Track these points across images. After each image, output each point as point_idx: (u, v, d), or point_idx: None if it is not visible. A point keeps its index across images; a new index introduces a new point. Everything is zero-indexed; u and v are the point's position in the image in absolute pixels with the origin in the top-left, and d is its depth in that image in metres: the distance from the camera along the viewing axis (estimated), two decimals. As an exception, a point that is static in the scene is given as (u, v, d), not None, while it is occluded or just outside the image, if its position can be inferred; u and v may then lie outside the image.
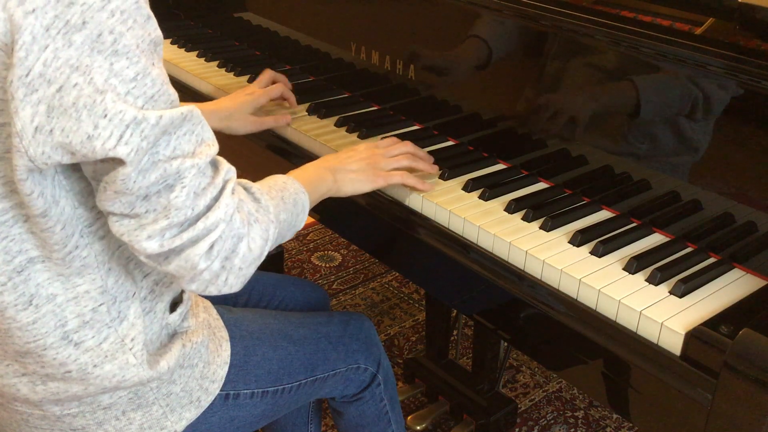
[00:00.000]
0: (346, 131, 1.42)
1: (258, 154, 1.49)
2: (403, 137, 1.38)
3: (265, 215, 0.92)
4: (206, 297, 1.12)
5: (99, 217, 0.87)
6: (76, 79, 0.72)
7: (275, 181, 1.02)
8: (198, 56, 1.81)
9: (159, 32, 0.78)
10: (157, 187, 0.78)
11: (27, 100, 0.72)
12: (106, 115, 0.73)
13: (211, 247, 0.83)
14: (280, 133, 1.46)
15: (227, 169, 0.86)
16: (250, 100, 1.40)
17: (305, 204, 1.04)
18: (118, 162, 0.76)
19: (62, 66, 0.72)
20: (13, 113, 0.73)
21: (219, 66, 1.75)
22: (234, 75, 1.70)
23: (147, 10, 0.77)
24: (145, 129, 0.75)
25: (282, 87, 1.46)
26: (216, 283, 0.86)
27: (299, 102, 1.53)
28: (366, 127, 1.41)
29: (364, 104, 1.54)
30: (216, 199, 0.83)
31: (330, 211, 1.33)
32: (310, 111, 1.50)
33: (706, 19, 1.06)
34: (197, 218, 0.82)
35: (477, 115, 1.34)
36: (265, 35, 1.76)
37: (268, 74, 1.49)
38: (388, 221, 1.23)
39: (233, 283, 0.87)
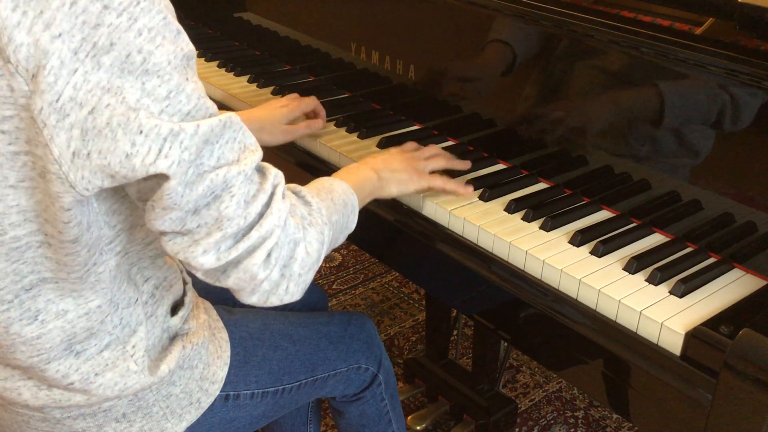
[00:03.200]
0: (346, 131, 1.42)
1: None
2: (403, 137, 1.39)
3: (318, 217, 0.90)
4: (207, 299, 1.12)
5: (119, 234, 0.86)
6: (108, 100, 0.71)
7: (322, 183, 1.00)
8: (198, 56, 1.81)
9: (191, 46, 0.76)
10: (206, 199, 0.76)
11: (60, 125, 0.71)
12: (141, 131, 0.71)
13: (269, 255, 0.81)
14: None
15: (275, 173, 0.84)
16: (285, 111, 1.35)
17: (354, 205, 1.02)
18: (162, 177, 0.74)
19: (93, 89, 0.70)
20: (48, 141, 0.72)
21: (219, 66, 1.75)
22: (234, 75, 1.70)
23: (176, 24, 0.75)
24: (185, 140, 0.73)
25: (316, 100, 1.41)
26: (277, 293, 0.85)
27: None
28: (366, 127, 1.41)
29: (365, 104, 1.54)
30: (267, 205, 0.81)
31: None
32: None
33: (706, 19, 1.06)
34: (251, 227, 0.80)
35: (477, 115, 1.34)
36: (265, 35, 1.76)
37: (298, 96, 1.42)
38: (388, 221, 1.23)
39: (294, 290, 0.86)
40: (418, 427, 1.69)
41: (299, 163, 1.39)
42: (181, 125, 0.73)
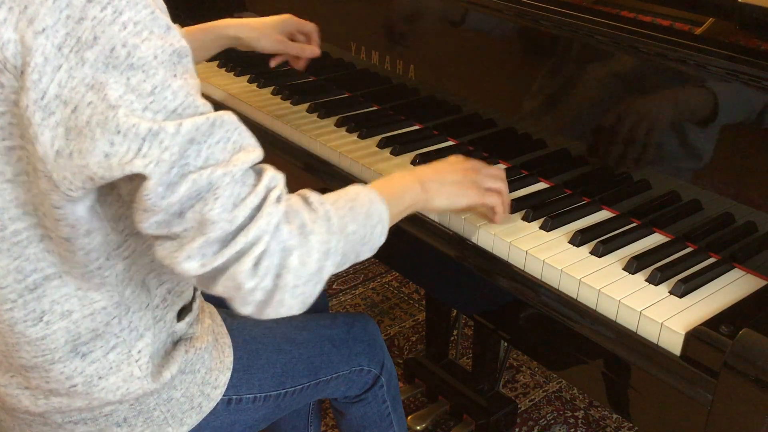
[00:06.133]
0: (346, 131, 1.42)
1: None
2: (403, 137, 1.39)
3: (323, 225, 0.83)
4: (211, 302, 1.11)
5: (126, 239, 0.85)
6: (90, 98, 0.69)
7: (346, 191, 0.92)
8: (198, 56, 1.81)
9: (183, 43, 0.74)
10: (190, 202, 0.73)
11: (45, 123, 0.70)
12: (119, 131, 0.69)
13: (257, 263, 0.76)
14: (283, 135, 1.46)
15: (272, 175, 0.79)
16: (280, 19, 1.39)
17: (383, 216, 0.92)
18: (140, 177, 0.71)
19: (77, 85, 0.69)
20: (33, 138, 0.71)
21: (219, 66, 1.75)
22: (234, 75, 1.70)
23: (166, 20, 0.73)
24: (165, 139, 0.70)
25: (315, 27, 1.42)
26: (271, 304, 0.79)
27: (298, 102, 1.53)
28: (366, 127, 1.41)
29: (364, 104, 1.54)
30: (258, 208, 0.76)
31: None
32: (310, 110, 1.50)
33: (706, 19, 1.06)
34: (237, 232, 0.75)
35: (477, 115, 1.34)
36: (264, 35, 1.76)
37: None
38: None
39: (291, 303, 0.80)
40: (418, 427, 1.69)
41: (298, 163, 1.39)
42: (162, 124, 0.70)
